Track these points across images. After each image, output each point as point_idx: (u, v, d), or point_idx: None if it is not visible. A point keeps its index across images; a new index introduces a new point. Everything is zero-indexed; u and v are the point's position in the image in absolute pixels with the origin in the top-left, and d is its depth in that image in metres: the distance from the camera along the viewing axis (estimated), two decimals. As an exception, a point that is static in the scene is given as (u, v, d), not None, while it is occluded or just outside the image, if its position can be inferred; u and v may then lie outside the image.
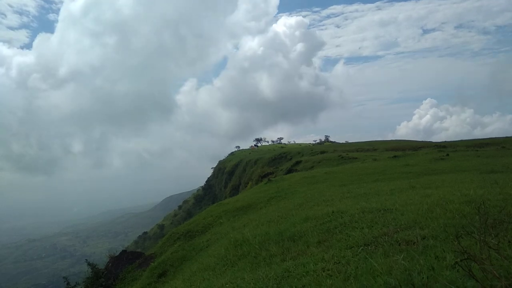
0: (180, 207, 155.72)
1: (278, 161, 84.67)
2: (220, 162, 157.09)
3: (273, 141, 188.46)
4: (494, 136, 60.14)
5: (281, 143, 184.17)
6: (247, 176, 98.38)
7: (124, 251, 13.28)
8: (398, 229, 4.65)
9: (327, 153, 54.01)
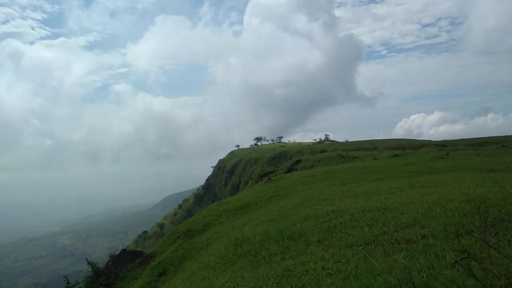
0: (180, 206, 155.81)
1: (278, 160, 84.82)
2: (220, 161, 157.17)
3: (273, 140, 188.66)
4: (494, 135, 60.13)
5: (281, 142, 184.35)
6: (247, 175, 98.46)
7: (124, 250, 13.28)
8: (398, 228, 4.65)
9: (327, 152, 54.02)
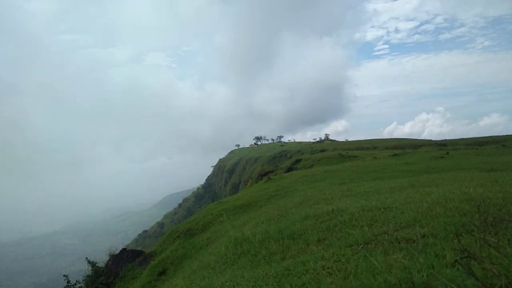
0: (180, 205, 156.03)
1: (278, 160, 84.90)
2: (220, 161, 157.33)
3: (272, 140, 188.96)
4: (494, 135, 60.15)
5: (281, 141, 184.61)
6: (247, 174, 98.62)
7: (124, 250, 13.29)
8: (398, 228, 4.65)
9: (327, 152, 54.07)
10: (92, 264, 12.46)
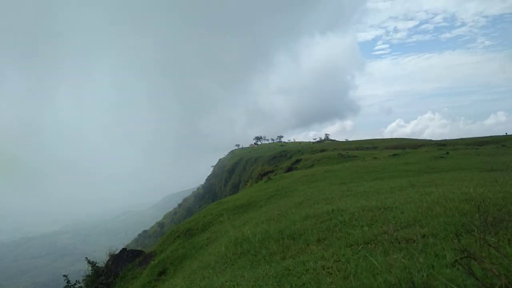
0: (180, 205, 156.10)
1: (278, 160, 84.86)
2: (220, 161, 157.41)
3: (272, 139, 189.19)
4: (494, 135, 60.14)
5: (280, 141, 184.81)
6: (247, 174, 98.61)
7: (124, 249, 13.29)
8: (398, 227, 4.65)
9: (327, 151, 54.04)
10: (92, 264, 12.46)
